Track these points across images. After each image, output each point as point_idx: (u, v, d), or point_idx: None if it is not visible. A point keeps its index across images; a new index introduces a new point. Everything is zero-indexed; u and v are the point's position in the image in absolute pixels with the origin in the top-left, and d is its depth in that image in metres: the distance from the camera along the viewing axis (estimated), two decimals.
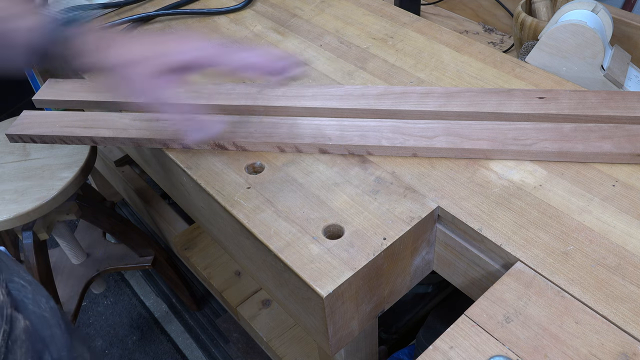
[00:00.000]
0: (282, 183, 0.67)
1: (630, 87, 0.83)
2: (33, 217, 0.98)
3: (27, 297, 0.48)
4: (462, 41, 0.88)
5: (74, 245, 1.29)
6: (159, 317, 1.53)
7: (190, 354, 1.43)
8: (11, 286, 0.47)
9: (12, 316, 0.42)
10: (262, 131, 0.72)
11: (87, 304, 1.56)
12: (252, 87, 0.79)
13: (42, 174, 1.01)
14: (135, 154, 0.92)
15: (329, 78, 0.84)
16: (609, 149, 0.65)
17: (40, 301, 0.50)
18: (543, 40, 0.83)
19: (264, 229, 0.62)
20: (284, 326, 1.15)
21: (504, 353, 0.50)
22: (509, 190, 0.64)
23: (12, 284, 0.48)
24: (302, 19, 0.98)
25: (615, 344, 0.50)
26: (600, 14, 0.83)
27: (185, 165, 0.71)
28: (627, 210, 0.61)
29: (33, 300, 0.49)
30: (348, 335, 0.65)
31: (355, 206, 0.63)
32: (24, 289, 0.49)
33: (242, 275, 1.25)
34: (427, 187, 0.65)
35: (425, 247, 0.66)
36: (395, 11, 0.97)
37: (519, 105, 0.72)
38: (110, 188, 1.74)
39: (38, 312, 0.48)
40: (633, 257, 0.57)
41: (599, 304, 0.53)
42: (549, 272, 0.56)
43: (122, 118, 0.77)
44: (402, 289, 0.69)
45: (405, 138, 0.69)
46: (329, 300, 0.56)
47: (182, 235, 1.36)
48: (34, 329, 0.45)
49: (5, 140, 1.06)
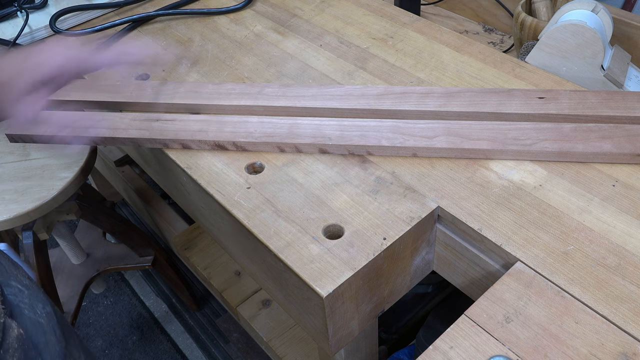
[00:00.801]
0: (282, 183, 0.67)
1: (630, 87, 0.83)
2: (33, 217, 0.98)
3: (24, 302, 0.48)
4: (462, 41, 0.88)
5: (74, 245, 1.29)
6: (159, 317, 1.53)
7: (190, 354, 1.43)
8: (8, 291, 0.47)
9: (5, 324, 0.42)
10: (262, 131, 0.72)
11: (87, 304, 1.56)
12: (252, 87, 0.79)
13: (42, 174, 1.01)
14: (135, 154, 0.92)
15: (329, 78, 0.84)
16: (609, 149, 0.65)
17: (37, 306, 0.49)
18: (543, 40, 0.83)
19: (264, 229, 0.62)
20: (284, 326, 1.15)
21: (504, 353, 0.50)
22: (509, 190, 0.64)
23: (9, 289, 0.47)
24: (302, 19, 0.98)
25: (615, 344, 0.50)
26: (600, 14, 0.83)
27: (185, 165, 0.71)
28: (627, 210, 0.61)
29: (29, 305, 0.48)
30: (348, 335, 0.65)
31: (355, 206, 0.63)
32: (21, 294, 0.48)
33: (242, 275, 1.25)
34: (427, 187, 0.65)
35: (425, 247, 0.66)
36: (395, 11, 0.97)
37: (519, 105, 0.72)
38: (110, 188, 1.74)
39: (33, 318, 0.47)
40: (633, 257, 0.57)
41: (599, 304, 0.53)
42: (549, 272, 0.56)
43: (122, 118, 0.77)
44: (402, 289, 0.69)
45: (405, 138, 0.69)
46: (329, 300, 0.56)
47: (182, 235, 1.36)
48: (28, 336, 0.45)
49: (5, 140, 1.06)
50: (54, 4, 1.05)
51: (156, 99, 0.79)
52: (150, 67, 0.81)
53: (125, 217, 1.80)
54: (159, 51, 0.61)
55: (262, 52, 0.91)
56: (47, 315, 0.49)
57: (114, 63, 0.62)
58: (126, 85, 0.82)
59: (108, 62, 0.62)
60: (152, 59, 0.65)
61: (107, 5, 1.02)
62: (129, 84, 0.82)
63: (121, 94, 0.80)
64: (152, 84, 0.82)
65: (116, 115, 0.78)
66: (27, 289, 0.49)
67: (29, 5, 1.03)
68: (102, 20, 1.02)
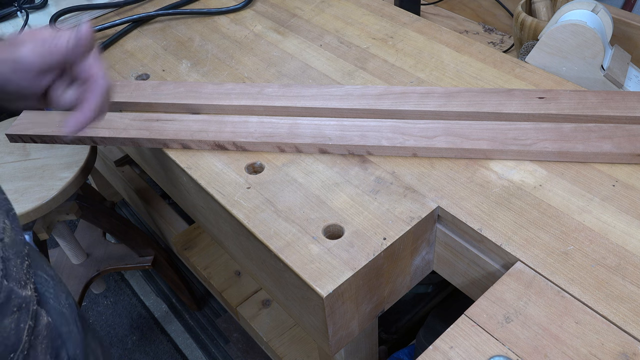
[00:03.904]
0: (282, 183, 0.67)
1: (630, 87, 0.83)
2: (33, 217, 0.98)
3: (49, 291, 0.49)
4: (462, 41, 0.88)
5: (74, 245, 1.29)
6: (159, 317, 1.53)
7: (190, 354, 1.43)
8: (35, 279, 0.47)
9: (37, 312, 0.43)
10: (262, 131, 0.72)
11: (87, 304, 1.56)
12: (252, 87, 0.79)
13: (42, 174, 1.01)
14: (135, 154, 0.92)
15: (329, 78, 0.84)
16: (609, 149, 0.65)
17: (61, 297, 0.50)
18: (543, 40, 0.83)
19: (264, 229, 0.62)
20: (284, 326, 1.15)
21: (504, 353, 0.50)
22: (509, 190, 0.64)
23: (37, 277, 0.48)
24: (302, 19, 0.98)
25: (615, 344, 0.50)
26: (600, 14, 0.83)
27: (185, 165, 0.71)
28: (627, 210, 0.61)
29: (55, 295, 0.49)
30: (348, 335, 0.65)
31: (355, 206, 0.63)
32: (47, 283, 0.49)
33: (242, 275, 1.25)
34: (427, 187, 0.65)
35: (425, 247, 0.66)
36: (395, 11, 0.97)
37: (519, 105, 0.72)
38: (110, 188, 1.74)
39: (58, 308, 0.48)
40: (633, 257, 0.57)
41: (599, 304, 0.53)
42: (549, 272, 0.56)
43: (122, 118, 0.77)
44: (402, 289, 0.69)
45: (405, 138, 0.69)
46: (329, 300, 0.56)
47: (182, 235, 1.36)
48: (54, 325, 0.46)
49: (5, 140, 1.06)
50: (54, 4, 1.05)
51: (156, 99, 0.79)
52: None
53: (125, 217, 1.80)
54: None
55: (262, 52, 0.91)
56: (70, 306, 0.50)
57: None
58: (126, 85, 0.82)
59: None
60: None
61: (107, 5, 1.02)
62: (129, 84, 0.82)
63: (121, 94, 0.80)
64: (152, 83, 0.82)
65: (116, 115, 0.78)
66: (52, 279, 0.50)
67: (29, 5, 1.03)
68: (102, 20, 1.02)
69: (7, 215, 0.43)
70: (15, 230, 0.43)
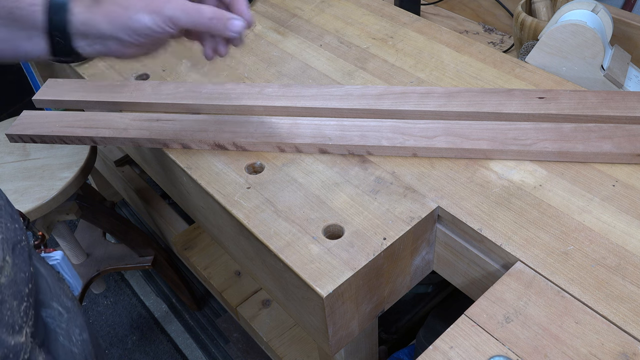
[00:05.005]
0: (282, 183, 0.67)
1: (630, 87, 0.83)
2: (33, 217, 0.98)
3: (61, 327, 0.46)
4: (462, 41, 0.88)
5: (74, 245, 1.29)
6: (159, 317, 1.53)
7: (190, 354, 1.43)
8: (47, 313, 0.45)
9: (31, 359, 0.39)
10: (262, 131, 0.72)
11: (87, 304, 1.56)
12: (252, 87, 0.79)
13: (42, 174, 1.01)
14: (135, 154, 0.92)
15: (329, 78, 0.84)
16: (609, 149, 0.65)
17: (74, 332, 0.47)
18: (543, 40, 0.83)
19: (264, 229, 0.62)
20: (284, 326, 1.15)
21: (504, 353, 0.50)
22: (509, 190, 0.64)
23: (49, 310, 0.45)
24: (302, 19, 0.98)
25: (615, 344, 0.50)
26: (600, 14, 0.83)
27: (185, 165, 0.71)
28: (627, 210, 0.61)
29: (66, 331, 0.46)
30: (348, 335, 0.65)
31: (355, 206, 0.63)
32: (60, 318, 0.46)
33: (242, 275, 1.25)
34: (427, 187, 0.65)
35: (425, 247, 0.66)
36: (395, 11, 0.97)
37: (519, 105, 0.72)
38: (110, 188, 1.74)
39: (67, 347, 0.45)
40: (633, 257, 0.57)
41: (599, 304, 0.53)
42: (549, 272, 0.56)
43: (122, 118, 0.77)
44: (402, 289, 0.69)
45: (405, 138, 0.69)
46: (329, 300, 0.56)
47: (182, 235, 1.36)
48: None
49: (5, 140, 1.06)
50: None
51: (156, 99, 0.79)
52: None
53: (125, 217, 1.80)
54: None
55: (262, 52, 0.91)
56: (83, 343, 0.47)
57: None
58: (126, 85, 0.82)
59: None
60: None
61: None
62: (129, 84, 0.82)
63: (121, 94, 0.80)
64: (152, 83, 0.82)
65: (116, 115, 0.78)
66: (67, 312, 0.47)
67: None
68: None
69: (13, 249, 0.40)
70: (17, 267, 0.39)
